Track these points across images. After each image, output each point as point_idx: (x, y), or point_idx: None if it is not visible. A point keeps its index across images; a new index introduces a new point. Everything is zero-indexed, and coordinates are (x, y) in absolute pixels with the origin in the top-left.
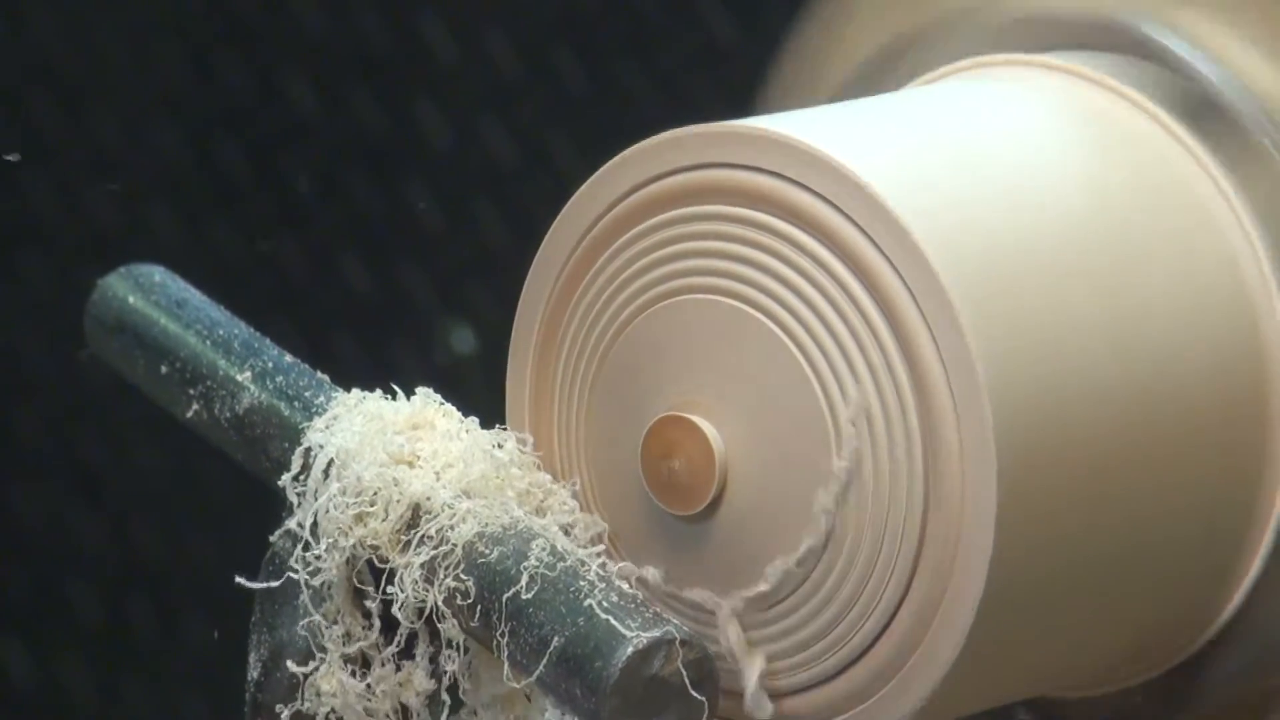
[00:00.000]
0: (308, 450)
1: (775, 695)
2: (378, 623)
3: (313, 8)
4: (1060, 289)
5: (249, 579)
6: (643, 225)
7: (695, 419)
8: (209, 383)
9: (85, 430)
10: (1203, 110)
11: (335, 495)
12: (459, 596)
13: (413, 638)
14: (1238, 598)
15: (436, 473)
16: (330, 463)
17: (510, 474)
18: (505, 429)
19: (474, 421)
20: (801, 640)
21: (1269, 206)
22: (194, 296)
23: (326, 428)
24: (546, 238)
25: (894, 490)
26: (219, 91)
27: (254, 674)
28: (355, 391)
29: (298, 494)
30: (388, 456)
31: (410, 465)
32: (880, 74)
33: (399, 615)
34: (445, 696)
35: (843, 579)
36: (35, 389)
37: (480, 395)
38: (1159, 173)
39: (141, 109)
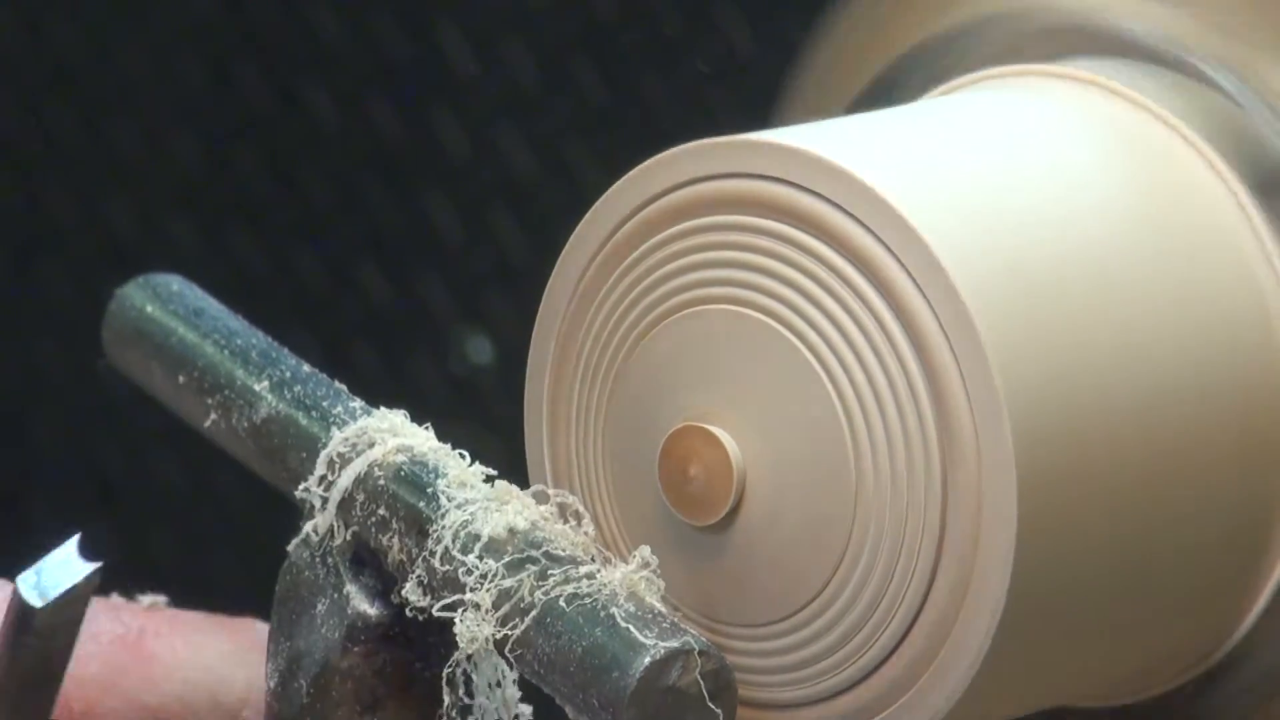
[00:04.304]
0: (331, 460)
1: (792, 705)
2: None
3: (332, 17)
4: (1081, 308)
5: (267, 589)
6: (661, 235)
7: (713, 429)
8: (227, 392)
9: (103, 439)
10: (1226, 125)
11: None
12: (476, 607)
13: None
14: (1256, 610)
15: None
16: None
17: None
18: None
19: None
20: (819, 651)
21: None
22: (211, 305)
23: (354, 442)
24: (567, 247)
25: (911, 502)
26: (237, 101)
27: (271, 683)
28: (383, 411)
29: (321, 499)
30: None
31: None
32: (899, 84)
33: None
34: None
35: (860, 590)
36: (54, 398)
37: (498, 405)
38: (1181, 190)
39: (160, 118)
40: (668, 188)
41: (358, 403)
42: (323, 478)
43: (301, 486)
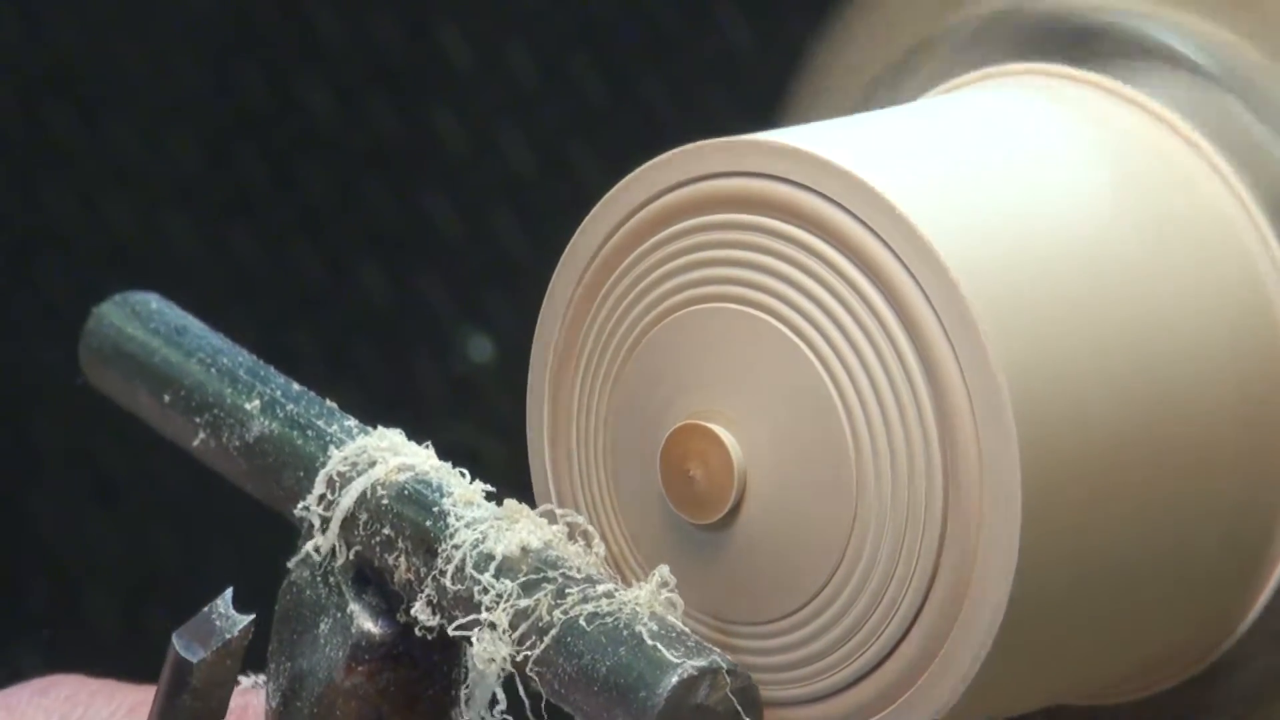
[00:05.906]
0: (331, 479)
1: (794, 703)
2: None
3: (331, 15)
4: (1082, 305)
5: (267, 602)
6: (663, 234)
7: (714, 428)
8: (216, 411)
9: (103, 439)
10: (1224, 122)
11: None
12: (492, 626)
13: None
14: (1256, 609)
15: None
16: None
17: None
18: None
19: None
20: (821, 648)
21: None
22: (193, 324)
23: (354, 461)
24: (569, 246)
25: (913, 500)
26: (237, 99)
27: (273, 703)
28: (382, 430)
29: (321, 519)
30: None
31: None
32: (900, 83)
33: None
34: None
35: (861, 587)
36: (54, 398)
37: (498, 404)
38: (1180, 186)
39: (160, 118)
40: (668, 186)
41: (352, 421)
42: (322, 496)
43: (300, 505)
